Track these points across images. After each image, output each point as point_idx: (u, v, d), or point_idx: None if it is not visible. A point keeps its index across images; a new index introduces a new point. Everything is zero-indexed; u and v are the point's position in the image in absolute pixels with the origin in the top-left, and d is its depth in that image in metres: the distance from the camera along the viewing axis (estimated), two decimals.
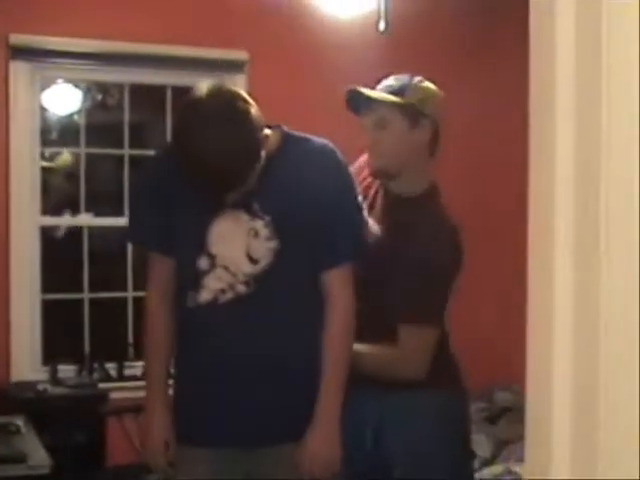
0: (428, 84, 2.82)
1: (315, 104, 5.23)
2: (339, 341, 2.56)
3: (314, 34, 5.38)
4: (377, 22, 3.75)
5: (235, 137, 2.32)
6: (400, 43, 5.25)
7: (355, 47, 5.35)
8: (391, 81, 2.80)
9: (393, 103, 2.73)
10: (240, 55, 5.32)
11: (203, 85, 2.39)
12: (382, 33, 3.75)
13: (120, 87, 5.33)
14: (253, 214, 2.51)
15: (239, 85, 5.16)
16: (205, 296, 2.53)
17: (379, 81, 2.84)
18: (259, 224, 2.51)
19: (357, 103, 2.76)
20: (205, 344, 2.57)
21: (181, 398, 2.63)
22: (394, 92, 2.74)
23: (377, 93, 2.77)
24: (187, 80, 5.18)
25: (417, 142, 2.75)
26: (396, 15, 3.91)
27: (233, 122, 2.33)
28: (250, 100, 2.39)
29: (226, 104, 2.35)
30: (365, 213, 2.67)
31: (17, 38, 4.87)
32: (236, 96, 2.39)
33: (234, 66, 5.31)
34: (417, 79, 2.80)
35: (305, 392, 2.54)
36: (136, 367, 5.09)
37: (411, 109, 2.73)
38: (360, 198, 2.66)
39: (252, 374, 2.52)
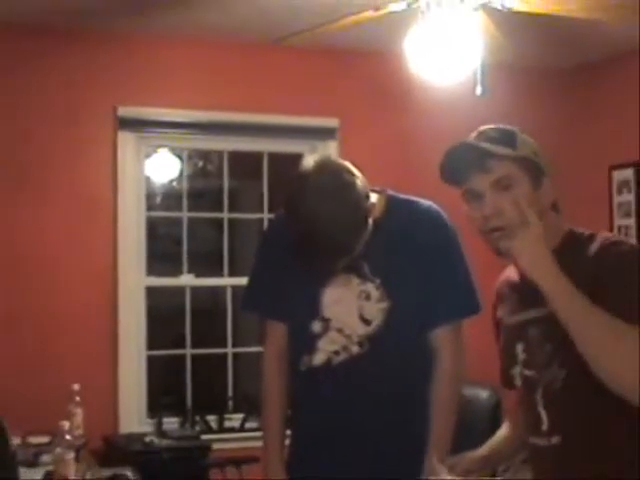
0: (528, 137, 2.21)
1: (406, 169, 5.39)
2: (445, 401, 2.61)
3: (404, 100, 5.49)
4: (474, 87, 3.87)
5: (343, 208, 2.39)
6: (496, 105, 5.10)
7: (447, 111, 5.40)
8: (489, 132, 2.16)
9: (515, 157, 2.11)
10: (331, 122, 5.54)
11: (310, 159, 2.48)
12: (480, 97, 3.84)
13: (220, 154, 5.56)
14: (364, 277, 2.58)
15: (331, 151, 5.40)
16: (319, 359, 2.59)
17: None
18: (370, 287, 2.58)
19: (465, 166, 2.12)
20: (318, 405, 2.62)
21: (295, 458, 2.69)
22: (502, 144, 2.12)
23: (494, 146, 2.12)
24: (282, 147, 5.50)
25: (543, 206, 2.13)
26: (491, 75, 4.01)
27: (341, 194, 2.40)
28: (355, 171, 2.48)
29: (334, 177, 2.43)
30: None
31: (125, 110, 5.12)
32: (342, 169, 2.47)
33: (326, 133, 5.53)
34: (517, 129, 2.20)
35: (419, 451, 2.56)
36: (235, 419, 5.27)
37: (531, 164, 2.13)
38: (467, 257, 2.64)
39: (365, 432, 2.57)
